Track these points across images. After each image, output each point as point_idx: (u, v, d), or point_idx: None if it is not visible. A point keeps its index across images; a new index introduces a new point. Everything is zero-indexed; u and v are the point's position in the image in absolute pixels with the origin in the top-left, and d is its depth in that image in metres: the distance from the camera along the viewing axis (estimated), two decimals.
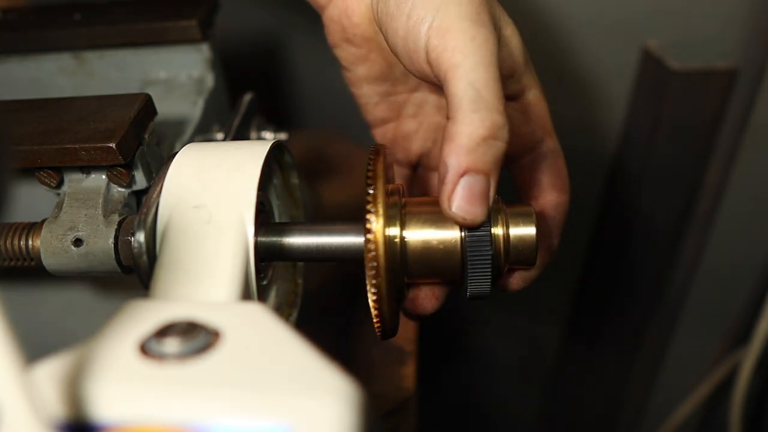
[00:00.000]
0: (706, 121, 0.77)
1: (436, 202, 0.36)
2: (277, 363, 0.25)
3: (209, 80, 0.51)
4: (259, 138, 0.51)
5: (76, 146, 0.36)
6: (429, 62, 0.36)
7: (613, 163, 0.87)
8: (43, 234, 0.38)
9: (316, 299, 0.49)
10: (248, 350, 0.26)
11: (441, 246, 0.36)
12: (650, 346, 1.00)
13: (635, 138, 0.82)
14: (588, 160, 0.88)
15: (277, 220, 0.43)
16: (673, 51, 0.73)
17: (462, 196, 0.34)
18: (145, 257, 0.34)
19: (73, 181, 0.39)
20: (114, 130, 0.37)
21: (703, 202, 0.84)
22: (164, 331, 0.26)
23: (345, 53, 0.44)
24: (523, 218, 0.37)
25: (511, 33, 0.39)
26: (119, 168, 0.38)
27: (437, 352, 1.12)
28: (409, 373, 0.52)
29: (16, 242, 0.38)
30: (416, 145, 0.48)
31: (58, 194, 0.40)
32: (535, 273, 0.41)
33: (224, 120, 0.52)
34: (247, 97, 0.49)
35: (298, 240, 0.37)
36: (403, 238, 0.36)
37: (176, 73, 0.51)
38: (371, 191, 0.35)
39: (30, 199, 0.42)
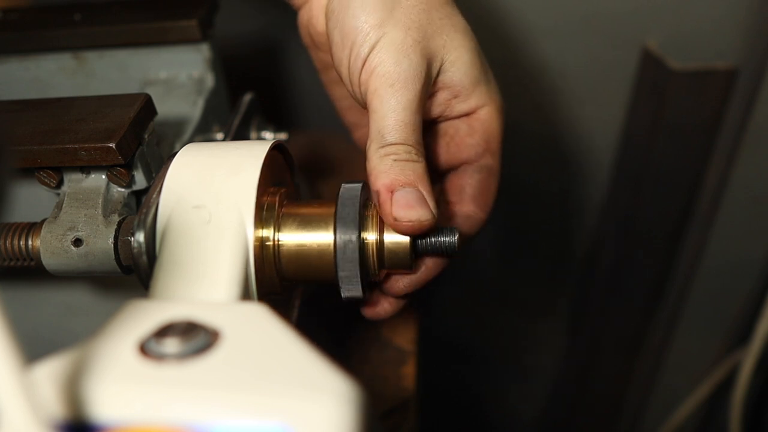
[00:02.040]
0: (706, 121, 0.77)
1: (314, 206, 0.38)
2: (276, 363, 0.25)
3: (209, 80, 0.51)
4: (259, 138, 0.51)
5: (76, 146, 0.36)
6: (362, 96, 0.39)
7: (613, 163, 0.87)
8: (43, 234, 0.38)
9: (315, 299, 0.49)
10: (248, 350, 0.26)
11: (315, 249, 0.37)
12: (650, 346, 1.01)
13: (635, 138, 0.82)
14: (588, 159, 0.88)
15: None
16: (673, 51, 0.73)
17: (398, 206, 0.36)
18: (144, 257, 0.34)
19: (73, 181, 0.39)
20: (114, 130, 0.37)
21: (703, 202, 0.84)
22: (164, 332, 0.26)
23: (316, 57, 0.46)
24: None
25: (456, 57, 0.40)
26: (119, 168, 0.38)
27: (437, 352, 1.12)
28: (409, 373, 0.52)
29: (16, 242, 0.38)
30: None
31: (58, 194, 0.40)
32: (422, 277, 0.41)
33: (224, 120, 0.52)
34: (247, 97, 0.49)
35: None
36: (277, 240, 0.37)
37: (176, 73, 0.51)
38: None
39: (30, 199, 0.42)
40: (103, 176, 0.39)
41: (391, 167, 0.36)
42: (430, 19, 0.39)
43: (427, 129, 0.42)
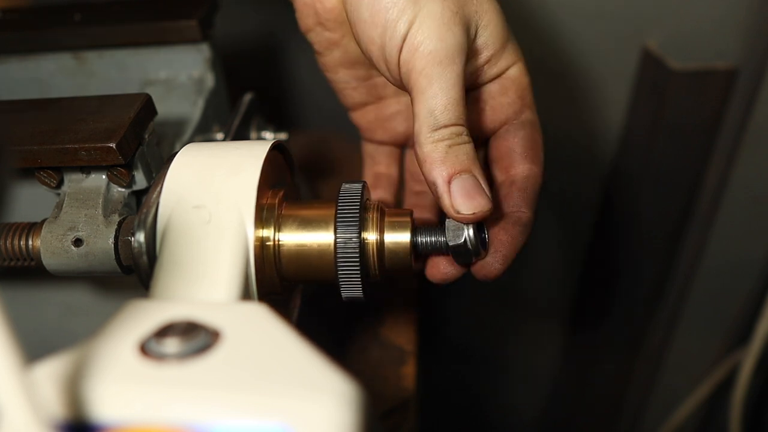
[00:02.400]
0: (706, 121, 0.77)
1: (314, 206, 0.38)
2: (276, 363, 0.25)
3: (209, 80, 0.51)
4: (259, 138, 0.51)
5: (76, 146, 0.36)
6: (400, 76, 0.38)
7: (613, 163, 0.87)
8: (43, 234, 0.38)
9: (315, 299, 0.49)
10: (248, 350, 0.26)
11: (315, 249, 0.37)
12: (650, 346, 1.01)
13: (635, 138, 0.82)
14: (588, 160, 0.88)
15: None
16: (673, 51, 0.73)
17: (460, 197, 0.36)
18: (145, 257, 0.34)
19: (73, 181, 0.39)
20: (114, 130, 0.37)
21: (703, 202, 0.84)
22: (164, 332, 0.26)
23: (319, 38, 0.44)
24: (399, 225, 0.38)
25: (487, 22, 0.39)
26: (119, 168, 0.38)
27: (437, 352, 1.12)
28: (409, 373, 0.52)
29: (16, 242, 0.38)
30: (402, 126, 0.48)
31: (58, 194, 0.40)
32: (508, 251, 0.40)
33: (224, 120, 0.52)
34: (247, 97, 0.49)
35: None
36: (278, 240, 0.37)
37: (176, 73, 0.51)
38: None
39: (30, 199, 0.42)
40: (104, 176, 0.39)
41: (446, 155, 0.36)
42: None
43: None
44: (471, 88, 0.42)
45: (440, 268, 0.41)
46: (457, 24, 0.37)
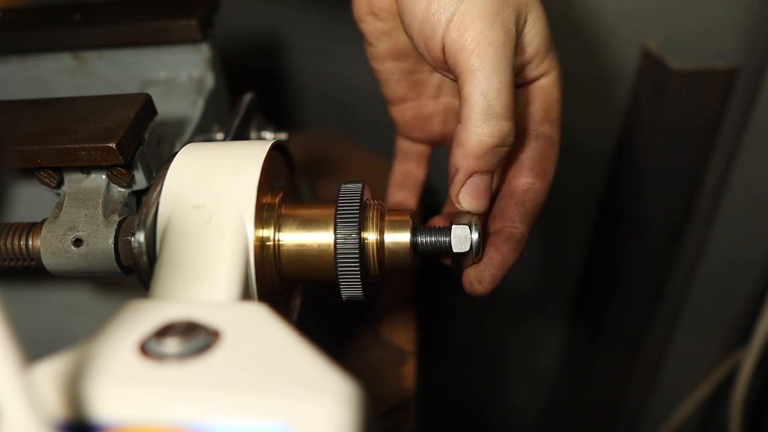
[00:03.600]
0: (706, 121, 0.77)
1: (314, 206, 0.38)
2: (276, 363, 0.25)
3: (209, 80, 0.51)
4: (259, 138, 0.51)
5: (76, 146, 0.36)
6: (445, 55, 0.37)
7: (613, 163, 0.87)
8: (43, 234, 0.38)
9: (316, 299, 0.49)
10: (248, 350, 0.26)
11: (315, 249, 0.37)
12: (650, 346, 1.00)
13: (635, 138, 0.82)
14: (588, 159, 0.88)
15: None
16: (673, 51, 0.73)
17: (468, 193, 0.37)
18: (145, 257, 0.34)
19: (73, 181, 0.39)
20: (114, 130, 0.37)
21: (703, 202, 0.84)
22: (164, 332, 0.26)
23: (370, 27, 0.44)
24: (399, 225, 0.38)
25: (537, 17, 0.38)
26: (119, 168, 0.38)
27: (437, 352, 1.12)
28: (409, 373, 0.52)
29: (16, 242, 0.38)
30: (438, 127, 0.49)
31: (58, 194, 0.40)
32: (498, 270, 0.39)
33: (224, 120, 0.52)
34: (247, 97, 0.49)
35: None
36: (278, 240, 0.37)
37: (176, 73, 0.51)
38: None
39: (30, 199, 0.42)
40: (104, 176, 0.39)
41: (485, 154, 0.35)
42: None
43: None
44: None
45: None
46: (506, 10, 0.36)
